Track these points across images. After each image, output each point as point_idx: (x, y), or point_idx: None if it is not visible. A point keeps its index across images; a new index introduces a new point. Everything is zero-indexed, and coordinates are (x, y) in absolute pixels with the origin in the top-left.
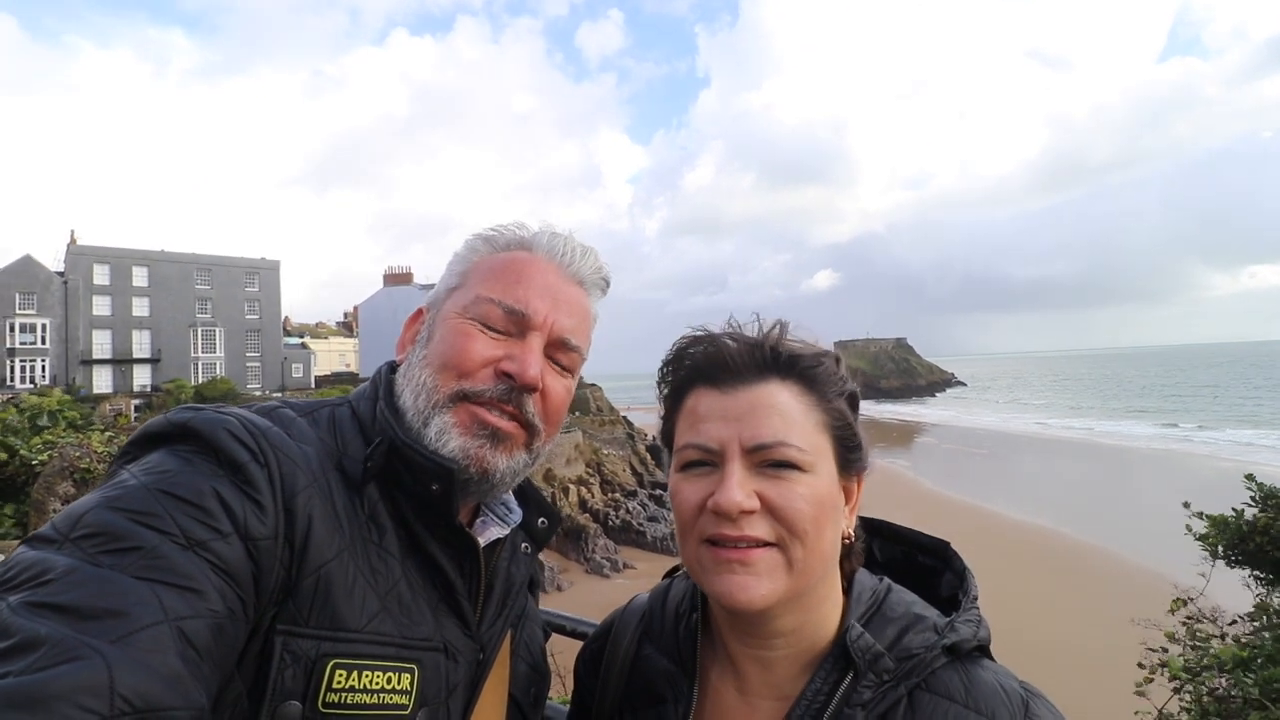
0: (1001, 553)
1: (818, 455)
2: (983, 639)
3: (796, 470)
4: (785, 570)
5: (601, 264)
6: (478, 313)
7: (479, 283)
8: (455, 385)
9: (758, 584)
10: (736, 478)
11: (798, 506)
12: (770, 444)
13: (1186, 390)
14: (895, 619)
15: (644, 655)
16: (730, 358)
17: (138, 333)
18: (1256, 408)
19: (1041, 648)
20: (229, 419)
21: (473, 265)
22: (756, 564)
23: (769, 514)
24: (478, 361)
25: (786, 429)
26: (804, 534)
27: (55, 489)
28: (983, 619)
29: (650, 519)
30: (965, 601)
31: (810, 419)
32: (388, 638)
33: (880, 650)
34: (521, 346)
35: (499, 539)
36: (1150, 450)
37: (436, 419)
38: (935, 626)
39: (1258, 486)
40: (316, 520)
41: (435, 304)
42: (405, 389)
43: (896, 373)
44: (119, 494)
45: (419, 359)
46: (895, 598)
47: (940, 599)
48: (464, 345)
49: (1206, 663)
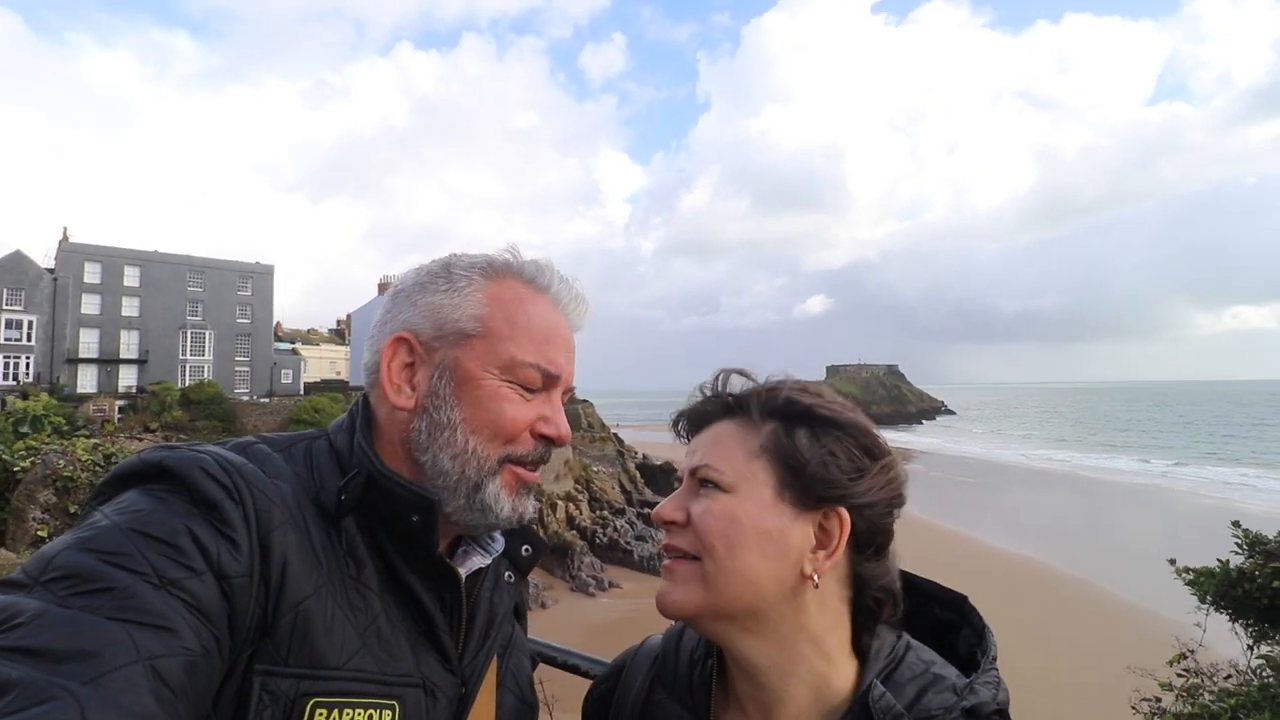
0: (988, 581)
1: (742, 479)
2: (1002, 702)
3: (716, 489)
4: (699, 582)
5: (589, 306)
6: (519, 378)
7: (511, 340)
8: (502, 451)
9: (672, 590)
10: (675, 495)
11: (706, 521)
12: (697, 466)
13: (1170, 426)
14: (914, 678)
15: (656, 700)
16: (704, 410)
17: (126, 333)
18: (1238, 446)
19: (1029, 679)
20: (203, 457)
21: (485, 308)
22: (676, 573)
23: (690, 528)
24: (522, 428)
25: (714, 454)
26: (710, 547)
27: (36, 497)
28: (1002, 681)
29: (638, 538)
30: (984, 661)
31: (744, 445)
32: (368, 674)
33: (901, 711)
34: (551, 405)
35: (481, 568)
36: (1134, 485)
37: (490, 484)
38: (954, 688)
39: (1244, 534)
40: (292, 557)
41: (439, 343)
42: (441, 452)
43: (887, 399)
44: (90, 535)
45: (455, 420)
46: (914, 656)
47: (958, 656)
48: (511, 413)
49: (1196, 710)
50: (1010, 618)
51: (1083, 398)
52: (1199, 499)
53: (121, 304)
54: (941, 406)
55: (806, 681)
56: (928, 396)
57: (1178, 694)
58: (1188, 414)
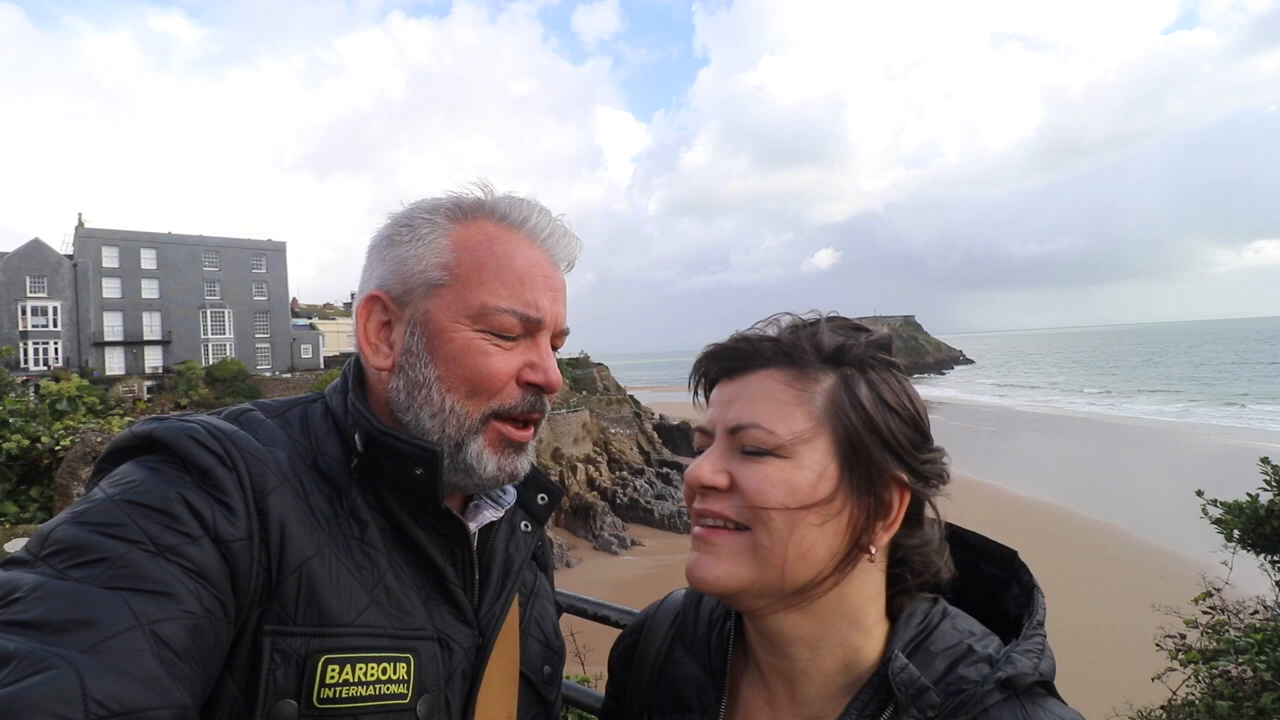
0: (1008, 527)
1: (801, 441)
2: (1045, 672)
3: (770, 455)
4: (749, 556)
5: (578, 240)
6: (494, 325)
7: (481, 285)
8: (485, 407)
9: (715, 564)
10: (711, 456)
11: (762, 488)
12: (743, 425)
13: (1193, 367)
14: (947, 648)
15: (675, 658)
16: (737, 353)
17: (148, 315)
18: (1265, 384)
19: (1052, 620)
20: (193, 426)
21: (451, 254)
22: (718, 545)
23: (739, 495)
24: (504, 379)
25: (764, 412)
26: (768, 519)
27: (78, 473)
28: (1047, 649)
29: (658, 497)
30: (1028, 626)
31: (801, 404)
32: (379, 629)
33: (925, 684)
34: (537, 350)
35: (494, 521)
36: (1158, 426)
37: (471, 445)
38: (990, 658)
39: (1272, 470)
40: (291, 519)
41: (409, 297)
42: (421, 410)
43: (905, 351)
44: (85, 508)
45: (430, 378)
46: (949, 625)
47: (1007, 616)
48: (488, 366)
49: (1222, 646)
50: (1033, 563)
51: (1103, 341)
52: (1224, 438)
53: (141, 286)
54: (960, 356)
55: (836, 653)
56: (945, 346)
57: (1203, 630)
58: (1213, 354)
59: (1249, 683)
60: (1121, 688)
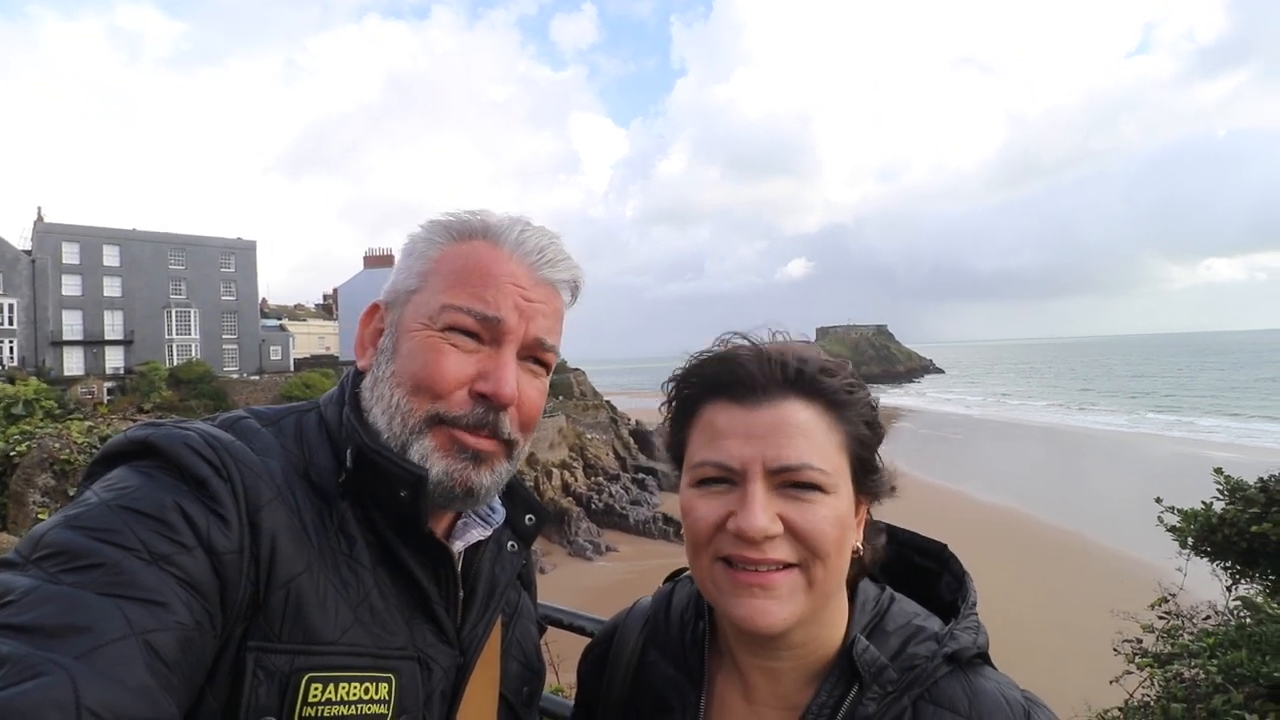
0: (973, 532)
1: (839, 476)
2: (982, 645)
3: (819, 492)
4: (805, 591)
5: (575, 265)
6: (447, 323)
7: (443, 287)
8: (430, 408)
9: (779, 608)
10: (760, 501)
11: (823, 529)
12: (795, 466)
13: (1148, 379)
14: (898, 629)
15: (649, 661)
16: (752, 373)
17: (110, 313)
18: (1215, 398)
19: (1014, 625)
20: (190, 434)
21: (433, 264)
22: (778, 588)
23: (791, 536)
24: (451, 383)
25: (810, 451)
26: (826, 555)
27: (34, 480)
28: (981, 626)
29: (633, 503)
30: (964, 608)
31: (831, 440)
32: (362, 648)
33: (884, 662)
34: (495, 360)
35: (482, 540)
36: (1115, 435)
37: (416, 444)
38: (936, 636)
39: (1225, 480)
40: (282, 534)
41: (394, 303)
42: (375, 406)
43: (876, 359)
44: (79, 512)
45: (387, 374)
46: (897, 608)
47: (942, 602)
48: (436, 365)
49: (1176, 650)
50: (994, 567)
51: (1064, 353)
52: (1172, 449)
53: (103, 284)
54: (930, 365)
55: (809, 645)
56: (916, 355)
57: (1158, 635)
58: (1168, 367)
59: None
60: (1081, 689)
